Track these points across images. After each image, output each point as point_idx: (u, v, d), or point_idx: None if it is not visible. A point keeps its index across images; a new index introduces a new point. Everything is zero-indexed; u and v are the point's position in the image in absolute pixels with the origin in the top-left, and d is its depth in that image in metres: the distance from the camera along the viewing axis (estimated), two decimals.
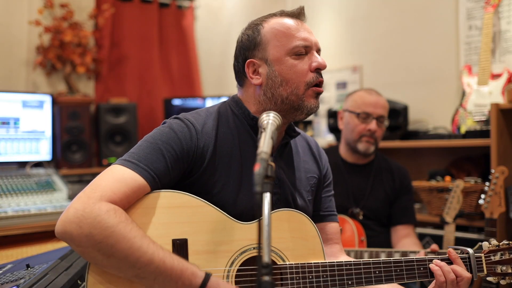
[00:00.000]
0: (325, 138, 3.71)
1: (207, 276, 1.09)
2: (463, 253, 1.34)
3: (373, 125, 2.21)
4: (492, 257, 1.35)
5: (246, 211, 1.25)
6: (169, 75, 3.97)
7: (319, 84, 1.31)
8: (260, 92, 1.31)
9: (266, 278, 0.85)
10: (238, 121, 1.34)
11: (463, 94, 2.69)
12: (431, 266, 1.28)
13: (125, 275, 1.08)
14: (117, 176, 1.13)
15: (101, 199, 1.07)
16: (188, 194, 1.20)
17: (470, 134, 2.55)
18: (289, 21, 1.30)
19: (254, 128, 1.32)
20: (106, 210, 1.05)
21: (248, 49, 1.31)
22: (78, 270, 1.50)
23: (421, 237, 2.62)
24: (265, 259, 0.87)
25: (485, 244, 1.37)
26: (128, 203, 1.13)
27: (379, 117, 2.23)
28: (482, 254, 1.35)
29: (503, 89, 2.50)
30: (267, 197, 0.94)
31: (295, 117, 1.32)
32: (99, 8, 3.58)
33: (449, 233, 2.20)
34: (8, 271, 1.60)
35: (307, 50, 1.29)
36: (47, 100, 3.08)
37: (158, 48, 3.87)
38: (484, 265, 1.34)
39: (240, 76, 1.36)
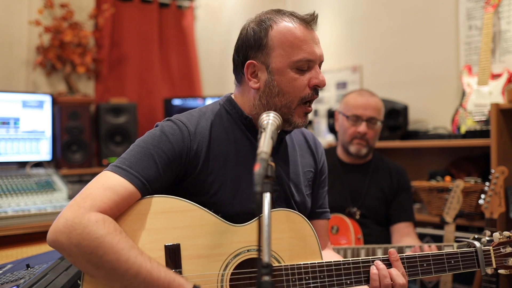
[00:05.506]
0: (325, 138, 3.71)
1: None
2: (470, 247, 1.31)
3: (362, 127, 2.21)
4: (502, 250, 1.29)
5: (243, 211, 1.24)
6: (169, 75, 3.97)
7: (311, 101, 1.29)
8: (256, 96, 1.29)
9: (266, 278, 0.85)
10: (232, 120, 1.32)
11: (463, 94, 2.69)
12: (371, 268, 1.23)
13: (113, 286, 1.08)
14: (108, 184, 1.12)
15: (91, 209, 1.07)
16: (179, 199, 1.19)
17: (470, 134, 2.55)
18: (298, 30, 1.25)
19: (248, 127, 1.32)
20: (95, 221, 1.05)
21: (251, 48, 1.27)
22: (78, 270, 1.50)
23: (421, 237, 2.62)
24: (265, 259, 0.87)
25: (495, 236, 1.31)
26: (118, 211, 1.12)
27: (370, 118, 2.22)
28: (491, 247, 1.30)
29: (503, 89, 2.50)
30: (267, 197, 0.94)
31: (283, 126, 1.27)
32: (99, 8, 3.57)
33: (449, 233, 2.20)
34: (8, 271, 1.60)
35: (310, 65, 1.26)
36: (47, 100, 3.08)
37: (158, 48, 3.87)
38: (493, 258, 1.29)
39: (238, 72, 1.33)
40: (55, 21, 3.33)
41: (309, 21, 1.28)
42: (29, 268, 1.57)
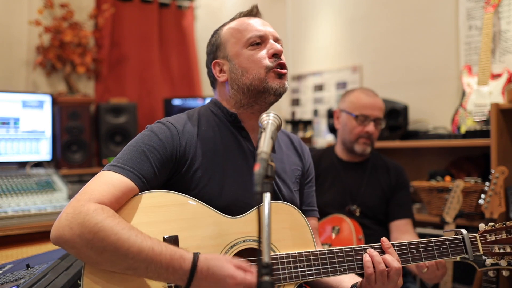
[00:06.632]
0: (325, 138, 3.71)
1: (196, 257, 1.10)
2: (456, 234, 1.37)
3: (371, 127, 2.22)
4: (488, 237, 1.36)
5: (233, 204, 1.29)
6: (169, 75, 3.97)
7: (281, 66, 1.36)
8: (228, 88, 1.39)
9: (266, 278, 0.85)
10: (218, 119, 1.41)
11: (463, 94, 2.69)
12: (364, 256, 1.26)
13: (119, 269, 1.10)
14: (105, 180, 1.17)
15: (89, 200, 1.11)
16: (175, 193, 1.23)
17: (470, 134, 2.55)
18: (243, 19, 1.41)
19: (233, 124, 1.40)
20: (94, 209, 1.09)
21: (212, 53, 1.44)
22: (78, 270, 1.50)
23: (421, 237, 2.62)
24: (265, 259, 0.87)
25: (481, 226, 1.39)
26: (117, 204, 1.16)
27: (376, 118, 2.24)
28: (477, 235, 1.37)
29: (503, 89, 2.50)
30: (267, 197, 0.94)
31: (265, 99, 1.37)
32: (99, 8, 3.58)
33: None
34: (8, 271, 1.60)
35: (262, 39, 1.37)
36: (47, 100, 3.08)
37: (158, 48, 3.87)
38: (479, 245, 1.36)
39: (212, 79, 1.46)
40: (55, 21, 3.33)
41: (252, 12, 1.44)
42: (29, 268, 1.57)
